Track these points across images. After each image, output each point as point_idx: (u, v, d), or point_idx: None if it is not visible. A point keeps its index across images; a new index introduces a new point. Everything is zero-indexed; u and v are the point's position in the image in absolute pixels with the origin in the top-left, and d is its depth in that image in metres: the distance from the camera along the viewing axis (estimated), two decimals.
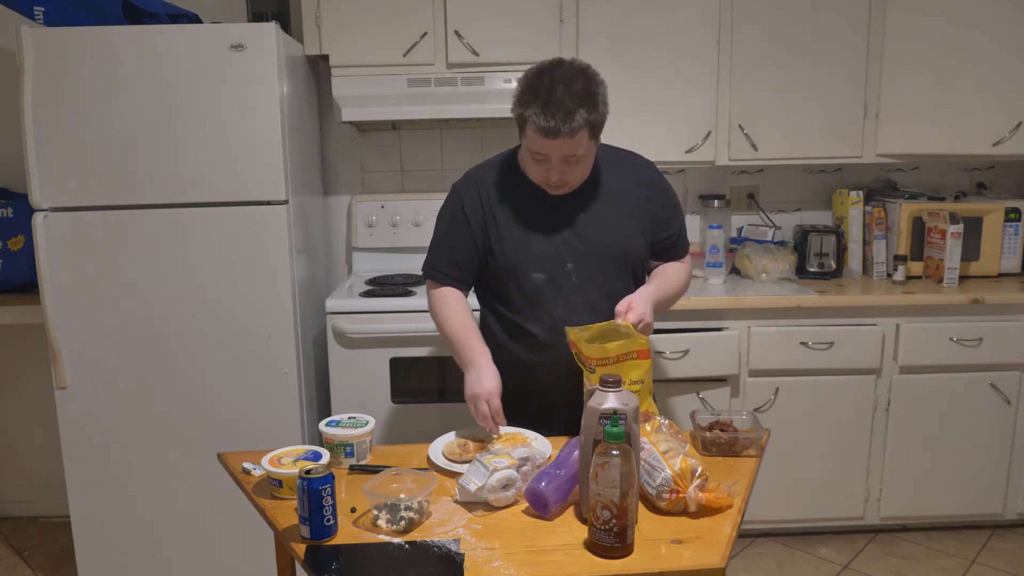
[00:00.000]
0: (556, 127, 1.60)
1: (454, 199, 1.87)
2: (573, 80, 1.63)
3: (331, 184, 3.17)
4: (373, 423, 1.69)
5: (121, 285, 2.42)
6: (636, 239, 1.85)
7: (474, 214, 1.83)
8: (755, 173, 3.20)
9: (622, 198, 1.84)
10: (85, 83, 2.32)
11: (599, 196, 1.82)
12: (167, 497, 2.53)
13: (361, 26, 2.72)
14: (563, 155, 1.67)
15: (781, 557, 2.78)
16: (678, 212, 1.93)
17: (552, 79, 1.63)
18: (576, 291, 1.80)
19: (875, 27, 2.78)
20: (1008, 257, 2.98)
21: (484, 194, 1.84)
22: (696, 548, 1.30)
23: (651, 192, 1.87)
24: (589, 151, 1.70)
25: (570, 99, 1.61)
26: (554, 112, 1.60)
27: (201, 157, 2.37)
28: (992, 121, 2.82)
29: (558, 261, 1.80)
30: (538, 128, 1.62)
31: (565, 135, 1.61)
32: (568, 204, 1.81)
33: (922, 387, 2.73)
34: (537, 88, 1.63)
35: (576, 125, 1.61)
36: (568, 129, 1.61)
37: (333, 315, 2.60)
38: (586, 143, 1.67)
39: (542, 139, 1.64)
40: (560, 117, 1.60)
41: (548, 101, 1.61)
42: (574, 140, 1.63)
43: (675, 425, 1.58)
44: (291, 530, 1.38)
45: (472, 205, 1.84)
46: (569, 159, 1.68)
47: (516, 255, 1.81)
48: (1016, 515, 2.84)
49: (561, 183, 1.74)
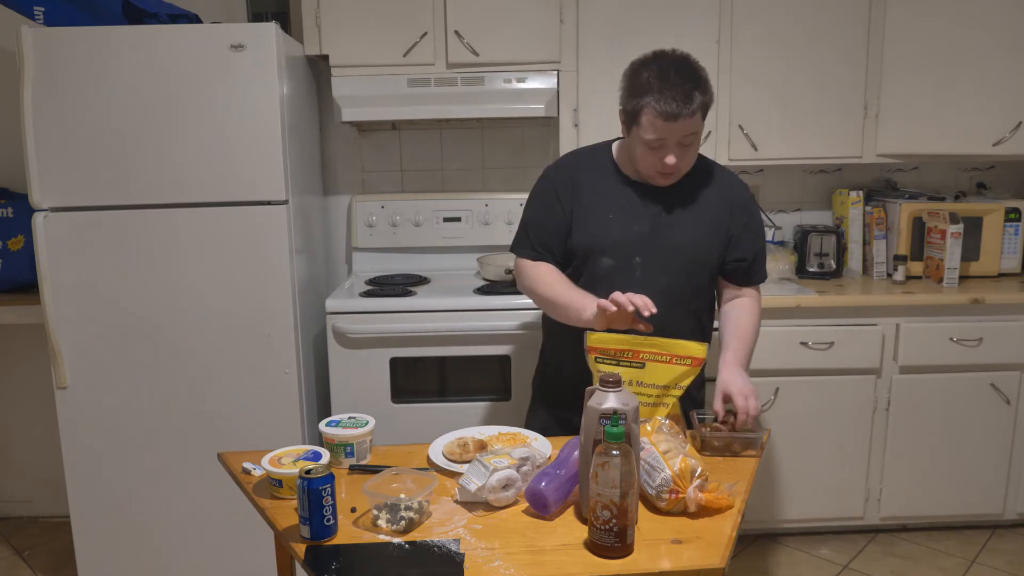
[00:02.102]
0: (677, 109, 1.66)
1: (548, 180, 1.94)
2: (681, 65, 1.70)
3: (331, 184, 3.17)
4: (373, 423, 1.69)
5: (121, 285, 2.42)
6: (709, 249, 1.87)
7: (566, 195, 1.89)
8: (755, 173, 3.20)
9: (705, 207, 1.87)
10: (85, 83, 2.32)
11: (683, 199, 1.85)
12: (167, 497, 2.53)
13: (361, 26, 2.72)
14: (680, 138, 1.71)
15: (781, 557, 2.78)
16: (759, 237, 1.94)
17: (661, 67, 1.69)
18: (638, 285, 1.80)
19: (875, 27, 2.78)
20: (1008, 257, 2.98)
21: (577, 177, 1.89)
22: (696, 548, 1.31)
23: (735, 208, 1.89)
24: (699, 136, 1.76)
25: (685, 81, 1.67)
26: (673, 95, 1.66)
27: (201, 157, 2.37)
28: (992, 121, 2.82)
29: (628, 252, 1.83)
30: (658, 113, 1.67)
31: (686, 116, 1.67)
32: (653, 200, 1.84)
33: (922, 387, 2.73)
34: (648, 77, 1.69)
35: (695, 106, 1.68)
36: (688, 110, 1.67)
37: (333, 315, 2.60)
38: (701, 124, 1.72)
39: (663, 123, 1.68)
40: (680, 99, 1.66)
41: (664, 86, 1.66)
42: (692, 120, 1.69)
43: (675, 425, 1.58)
44: (291, 530, 1.39)
45: (564, 186, 1.90)
46: (685, 141, 1.72)
47: (591, 238, 1.85)
48: (1016, 515, 2.84)
49: (675, 168, 1.77)
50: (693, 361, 1.64)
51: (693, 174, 1.87)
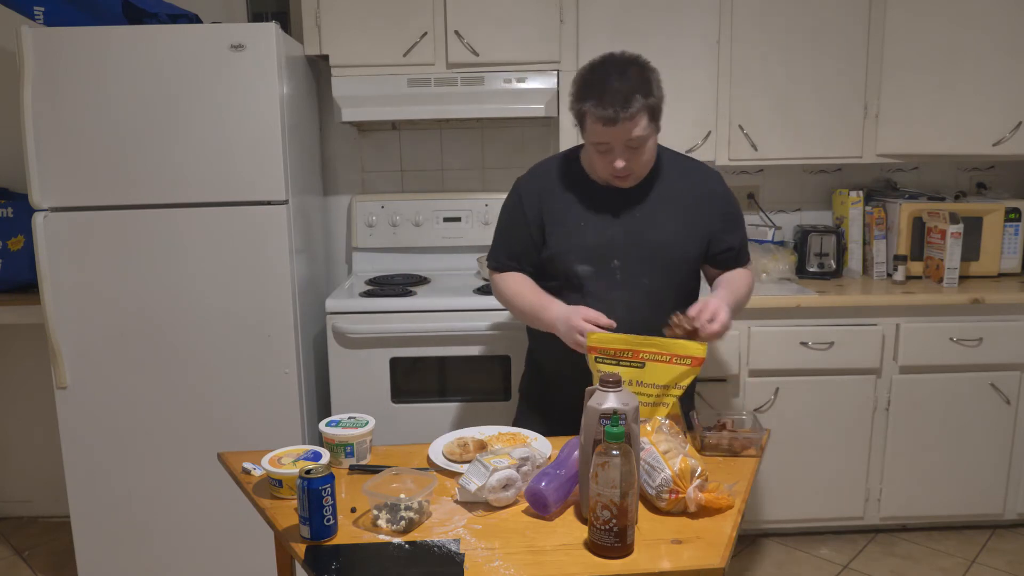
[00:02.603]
0: (614, 114, 1.66)
1: (515, 193, 1.94)
2: (625, 68, 1.69)
3: (331, 184, 3.17)
4: (373, 423, 1.69)
5: (121, 285, 2.42)
6: (688, 246, 1.87)
7: (531, 208, 1.89)
8: (755, 173, 3.20)
9: (680, 203, 1.86)
10: (85, 83, 2.32)
11: (656, 198, 1.85)
12: (167, 497, 2.53)
13: (361, 26, 2.72)
14: (625, 142, 1.71)
15: (781, 557, 2.78)
16: (739, 225, 1.96)
17: (605, 71, 1.69)
18: (618, 288, 1.82)
19: (875, 27, 2.78)
20: (1008, 257, 2.98)
21: (543, 188, 1.89)
22: (696, 548, 1.31)
23: (712, 202, 1.89)
24: (650, 136, 1.74)
25: (625, 86, 1.66)
26: (611, 100, 1.65)
27: (201, 157, 2.37)
28: (992, 121, 2.82)
29: (605, 257, 1.83)
30: (597, 118, 1.68)
31: (624, 120, 1.66)
32: (624, 201, 1.84)
33: (922, 387, 2.73)
34: (592, 81, 1.70)
35: (634, 109, 1.66)
36: (627, 114, 1.66)
37: (333, 315, 2.60)
38: (645, 126, 1.71)
39: (603, 128, 1.69)
40: (619, 103, 1.65)
41: (604, 91, 1.66)
42: (633, 124, 1.68)
43: (675, 425, 1.58)
44: (291, 530, 1.39)
45: (530, 199, 1.90)
46: (631, 145, 1.72)
47: (565, 247, 1.85)
48: (1016, 515, 2.84)
49: (627, 172, 1.77)
50: (693, 361, 1.64)
51: (664, 171, 1.87)
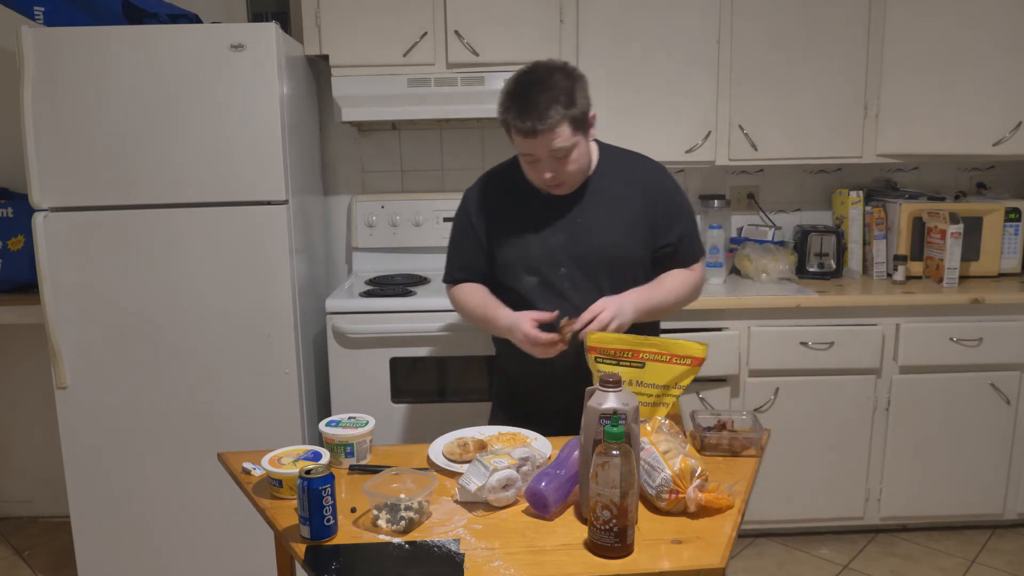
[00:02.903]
0: (533, 126, 1.65)
1: (463, 206, 1.94)
2: (547, 78, 1.68)
3: (331, 184, 3.17)
4: (373, 423, 1.68)
5: (121, 285, 2.42)
6: (633, 245, 1.84)
7: (479, 221, 1.89)
8: (755, 173, 3.20)
9: (622, 203, 1.84)
10: (85, 83, 2.32)
11: (598, 200, 1.83)
12: (167, 497, 2.53)
13: (361, 26, 2.72)
14: (549, 152, 1.69)
15: (781, 557, 2.78)
16: (681, 218, 1.89)
17: (527, 81, 1.68)
18: (568, 295, 1.81)
19: (875, 27, 2.78)
20: (1008, 257, 2.98)
21: (489, 199, 1.89)
22: (696, 548, 1.30)
23: (653, 197, 1.86)
24: (577, 146, 1.72)
25: (545, 97, 1.65)
26: (530, 112, 1.64)
27: (201, 157, 2.37)
28: (992, 121, 2.82)
29: (552, 265, 1.82)
30: (518, 130, 1.67)
31: (544, 132, 1.65)
32: (566, 207, 1.82)
33: (922, 387, 2.73)
34: (514, 92, 1.69)
35: (553, 121, 1.65)
36: (545, 126, 1.64)
37: (333, 315, 2.60)
38: (568, 136, 1.68)
39: (524, 140, 1.69)
40: (536, 115, 1.64)
41: (524, 103, 1.65)
42: (554, 135, 1.67)
43: (675, 425, 1.58)
44: (291, 530, 1.38)
45: (477, 211, 1.90)
46: (556, 155, 1.70)
47: (511, 258, 1.85)
48: (1016, 515, 2.85)
49: (557, 181, 1.76)
50: (693, 360, 1.63)
51: (606, 171, 1.85)
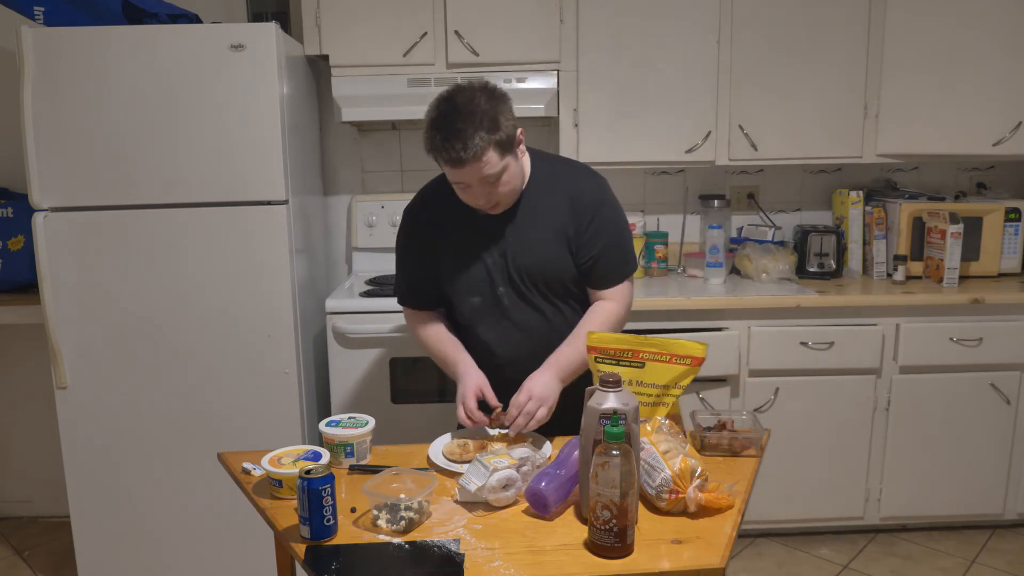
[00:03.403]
0: (459, 156, 1.59)
1: (403, 227, 1.89)
2: (468, 103, 1.61)
3: (331, 184, 3.17)
4: (373, 423, 1.69)
5: (121, 285, 2.42)
6: (563, 261, 1.79)
7: (422, 240, 1.85)
8: (755, 173, 3.20)
9: (550, 218, 1.78)
10: (85, 83, 2.32)
11: (528, 217, 1.78)
12: (167, 497, 2.53)
13: (361, 26, 2.72)
14: (479, 180, 1.65)
15: (781, 557, 2.78)
16: (603, 234, 1.79)
17: (448, 110, 1.62)
18: (508, 314, 1.80)
19: (875, 27, 2.78)
20: (1008, 257, 2.98)
21: (429, 220, 1.84)
22: (696, 548, 1.30)
23: (578, 209, 1.78)
24: (507, 168, 1.67)
25: (468, 125, 1.59)
26: (453, 143, 1.59)
27: (201, 157, 2.37)
28: (992, 121, 2.82)
29: (491, 285, 1.80)
30: (445, 161, 1.63)
31: (471, 162, 1.60)
32: (499, 227, 1.78)
33: (922, 387, 2.73)
34: (437, 122, 1.62)
35: (478, 149, 1.59)
36: (471, 156, 1.59)
37: (333, 315, 2.60)
38: (497, 162, 1.63)
39: (452, 169, 1.64)
40: (460, 146, 1.59)
41: (448, 133, 1.60)
42: (481, 163, 1.61)
43: (675, 425, 1.58)
44: (291, 530, 1.39)
45: (419, 232, 1.86)
46: (487, 180, 1.65)
47: (454, 279, 1.82)
48: (1016, 515, 2.84)
49: (491, 204, 1.71)
50: (693, 360, 1.63)
51: (539, 185, 1.79)
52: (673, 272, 3.14)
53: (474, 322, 1.84)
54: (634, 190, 3.19)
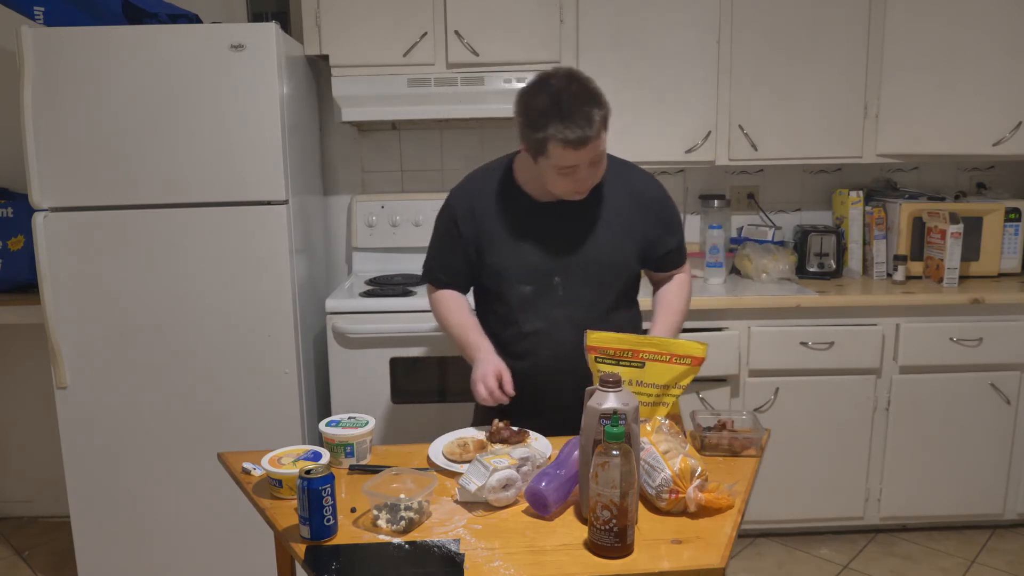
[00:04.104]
0: (583, 135, 1.60)
1: (449, 210, 1.89)
2: (570, 85, 1.64)
3: (331, 184, 3.17)
4: (373, 423, 1.69)
5: (121, 285, 2.42)
6: (627, 255, 1.84)
7: (467, 227, 1.85)
8: (755, 173, 3.20)
9: (615, 212, 1.82)
10: (85, 83, 2.32)
11: (592, 209, 1.81)
12: (167, 497, 2.53)
13: (361, 26, 2.72)
14: (592, 158, 1.67)
15: (781, 557, 2.78)
16: (673, 228, 1.92)
17: (554, 92, 1.62)
18: (561, 304, 1.81)
19: (875, 27, 2.78)
20: (1008, 257, 2.98)
21: (479, 206, 1.85)
22: (696, 548, 1.30)
23: (646, 207, 1.85)
24: (605, 148, 1.72)
25: (581, 104, 1.61)
26: (575, 121, 1.60)
27: (201, 157, 2.37)
28: (992, 121, 2.82)
29: (546, 274, 1.81)
30: (566, 142, 1.61)
31: (593, 139, 1.62)
32: (560, 217, 1.80)
33: (922, 387, 2.73)
34: (544, 107, 1.62)
35: (597, 126, 1.62)
36: (593, 131, 1.61)
37: (333, 315, 2.60)
38: (604, 139, 1.68)
39: (572, 152, 1.62)
40: (583, 124, 1.60)
41: (564, 114, 1.60)
42: (599, 140, 1.65)
43: (675, 425, 1.58)
44: (291, 530, 1.39)
45: (465, 218, 1.85)
46: (598, 160, 1.69)
47: (505, 267, 1.83)
48: (1016, 515, 2.85)
49: (591, 186, 1.75)
50: (693, 360, 1.63)
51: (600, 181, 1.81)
52: None
53: (523, 310, 1.83)
54: None
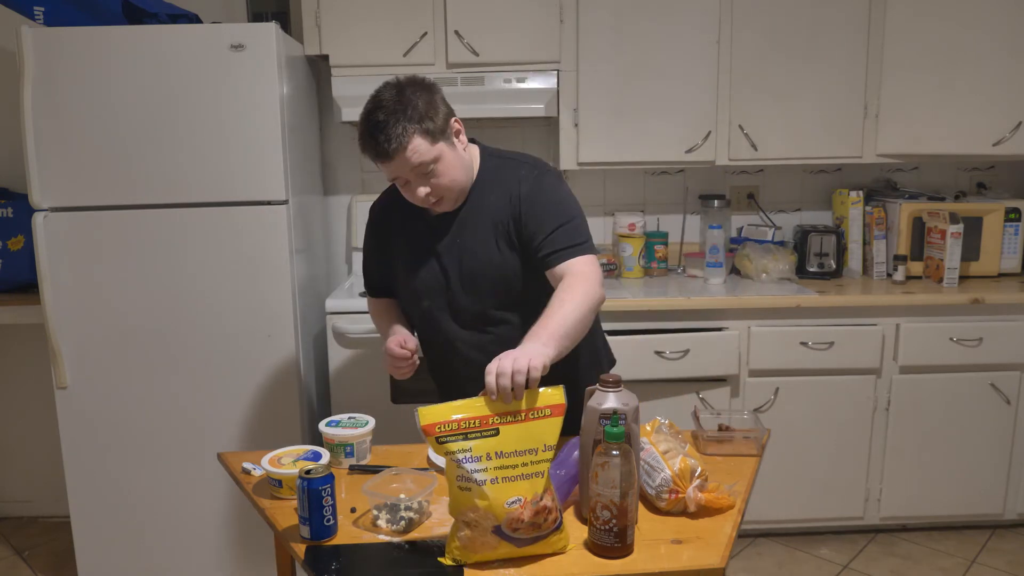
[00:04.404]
0: (383, 149, 1.58)
1: (369, 224, 1.89)
2: (395, 97, 1.60)
3: (331, 184, 3.17)
4: (373, 423, 1.69)
5: (121, 285, 2.42)
6: (509, 261, 1.71)
7: (381, 240, 1.85)
8: (755, 173, 3.20)
9: (491, 216, 1.72)
10: (85, 83, 2.32)
11: (472, 216, 1.73)
12: (167, 497, 2.53)
13: (361, 26, 2.72)
14: (412, 170, 1.62)
15: (781, 557, 2.78)
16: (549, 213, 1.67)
17: (372, 106, 1.61)
18: (458, 318, 1.76)
19: (875, 27, 2.78)
20: (1008, 257, 2.98)
21: (388, 220, 1.83)
22: (696, 548, 1.31)
23: (517, 202, 1.70)
24: (442, 157, 1.62)
25: (389, 116, 1.57)
26: (376, 135, 1.58)
27: (201, 157, 2.37)
28: (992, 121, 2.82)
29: (442, 288, 1.76)
30: (373, 156, 1.61)
31: (397, 152, 1.58)
32: (447, 226, 1.74)
33: (922, 387, 2.73)
34: (363, 118, 1.62)
35: (403, 139, 1.57)
36: (396, 145, 1.57)
37: (333, 315, 2.60)
38: (427, 150, 1.59)
39: (382, 164, 1.62)
40: (383, 138, 1.57)
41: (372, 128, 1.59)
42: (410, 152, 1.58)
43: (675, 425, 1.58)
44: (291, 530, 1.39)
45: (379, 232, 1.85)
46: (420, 171, 1.61)
47: (406, 283, 1.80)
48: (1016, 515, 2.84)
49: (436, 198, 1.67)
50: (553, 410, 1.33)
51: (483, 182, 1.74)
52: (673, 272, 3.14)
53: (428, 325, 1.80)
54: (634, 190, 3.19)
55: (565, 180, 1.80)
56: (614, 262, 3.06)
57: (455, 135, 1.67)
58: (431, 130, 1.60)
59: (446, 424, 1.30)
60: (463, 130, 1.70)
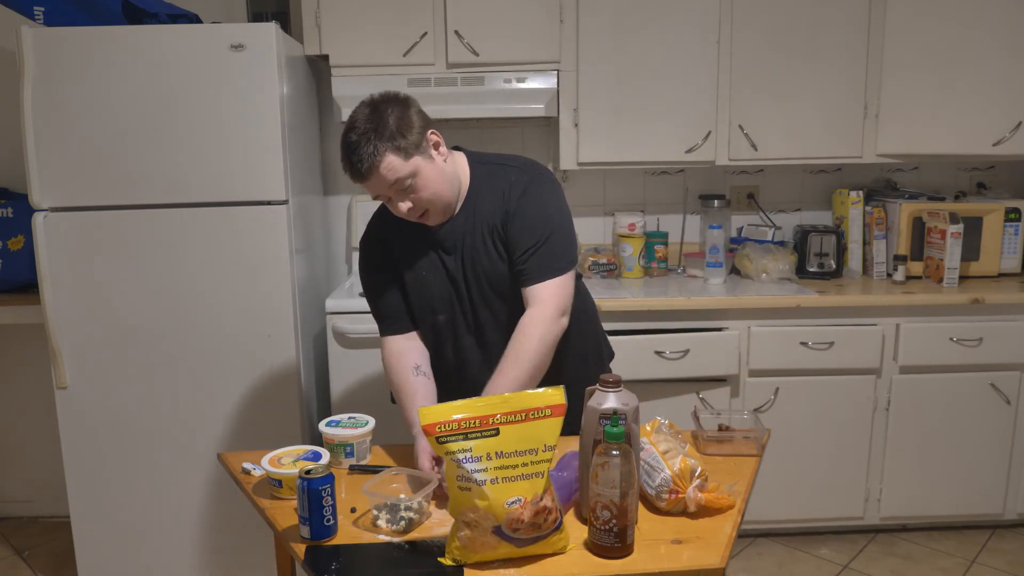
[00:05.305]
0: (356, 169, 1.58)
1: (363, 254, 1.84)
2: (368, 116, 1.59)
3: (331, 184, 3.17)
4: (373, 423, 1.69)
5: (121, 285, 2.42)
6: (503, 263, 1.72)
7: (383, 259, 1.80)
8: (755, 173, 3.20)
9: (487, 224, 1.72)
10: (85, 83, 2.32)
11: (470, 226, 1.72)
12: (167, 497, 2.53)
13: (361, 26, 2.72)
14: (390, 187, 1.61)
15: (781, 557, 2.78)
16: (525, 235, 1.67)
17: (348, 126, 1.61)
18: (469, 330, 1.76)
19: (875, 27, 2.78)
20: (1008, 257, 2.98)
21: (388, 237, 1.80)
22: (696, 548, 1.31)
23: (506, 211, 1.70)
24: (419, 172, 1.61)
25: (360, 137, 1.57)
26: (350, 156, 1.58)
27: (201, 157, 2.37)
28: (992, 121, 2.82)
29: (451, 301, 1.75)
30: (351, 177, 1.61)
31: (371, 172, 1.58)
32: (446, 241, 1.74)
33: (922, 387, 2.73)
34: (341, 139, 1.62)
35: (374, 158, 1.56)
36: (367, 165, 1.57)
37: (333, 315, 2.61)
38: (400, 166, 1.58)
39: (361, 184, 1.62)
40: (355, 159, 1.57)
41: (346, 149, 1.59)
42: (383, 170, 1.58)
43: (675, 425, 1.58)
44: (291, 530, 1.39)
45: (378, 252, 1.81)
46: (398, 188, 1.61)
47: (416, 301, 1.78)
48: (1016, 515, 2.84)
49: (419, 212, 1.67)
50: (553, 411, 1.32)
51: (478, 189, 1.73)
52: (673, 272, 3.14)
53: (439, 337, 1.79)
54: (634, 190, 3.19)
55: (557, 180, 1.79)
56: (614, 262, 3.06)
57: (433, 148, 1.65)
58: (403, 147, 1.58)
59: (446, 424, 1.28)
60: (443, 142, 1.68)
